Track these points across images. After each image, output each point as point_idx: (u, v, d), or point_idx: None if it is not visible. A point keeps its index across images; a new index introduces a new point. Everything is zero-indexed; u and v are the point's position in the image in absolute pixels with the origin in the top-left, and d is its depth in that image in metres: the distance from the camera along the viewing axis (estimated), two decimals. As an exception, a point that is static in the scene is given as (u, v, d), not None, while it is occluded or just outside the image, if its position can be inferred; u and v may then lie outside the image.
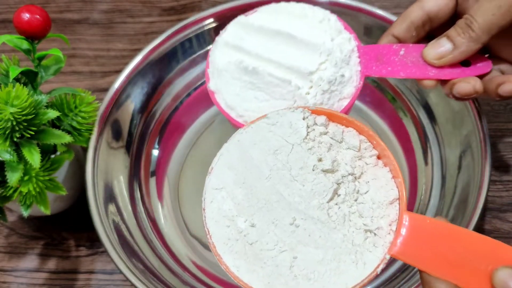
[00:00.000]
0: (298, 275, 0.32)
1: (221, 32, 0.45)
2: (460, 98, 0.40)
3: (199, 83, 0.58)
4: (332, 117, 0.37)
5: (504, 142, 0.54)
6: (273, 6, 0.44)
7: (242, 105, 0.42)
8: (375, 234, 0.32)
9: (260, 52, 0.41)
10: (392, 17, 0.52)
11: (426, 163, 0.52)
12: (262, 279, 0.32)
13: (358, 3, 0.53)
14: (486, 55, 0.42)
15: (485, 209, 0.51)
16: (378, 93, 0.56)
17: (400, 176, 0.34)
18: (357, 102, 0.57)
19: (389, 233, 0.32)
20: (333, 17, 0.43)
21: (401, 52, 0.42)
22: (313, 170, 0.34)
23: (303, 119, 0.36)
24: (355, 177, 0.34)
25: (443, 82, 0.41)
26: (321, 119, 0.36)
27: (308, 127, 0.36)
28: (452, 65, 0.41)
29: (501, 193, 0.52)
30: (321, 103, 0.40)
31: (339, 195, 0.34)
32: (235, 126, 0.42)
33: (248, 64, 0.41)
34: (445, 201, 0.48)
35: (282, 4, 0.44)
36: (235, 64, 0.42)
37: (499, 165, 0.53)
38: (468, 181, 0.46)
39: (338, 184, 0.34)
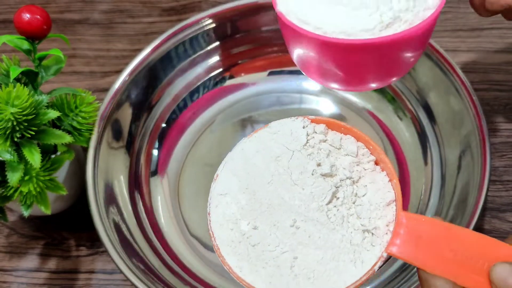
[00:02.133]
0: (299, 274, 0.33)
1: None
2: None
3: (199, 83, 0.58)
4: (331, 125, 0.38)
5: (503, 142, 0.54)
6: None
7: (319, 18, 0.38)
8: (372, 234, 0.33)
9: None
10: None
11: (426, 163, 0.52)
12: (264, 279, 0.33)
13: None
14: None
15: (484, 209, 0.51)
16: (377, 94, 0.56)
17: (396, 177, 0.35)
18: (356, 102, 0.57)
19: (386, 233, 0.33)
20: None
21: None
22: (312, 175, 0.35)
23: (303, 127, 0.37)
24: (353, 181, 0.35)
25: None
26: (320, 127, 0.37)
27: (308, 135, 0.37)
28: None
29: (501, 193, 0.52)
30: (406, 9, 0.37)
31: (337, 198, 0.35)
32: (309, 41, 0.39)
33: None
34: (444, 201, 0.48)
35: None
36: None
37: (498, 165, 0.53)
38: (467, 181, 0.46)
39: (336, 187, 0.35)
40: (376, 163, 0.37)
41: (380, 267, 0.32)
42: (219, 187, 0.37)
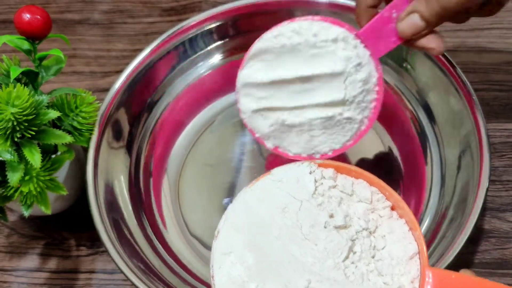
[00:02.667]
0: None
1: (240, 107, 0.46)
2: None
3: (199, 83, 0.58)
4: (340, 169, 0.35)
5: (503, 142, 0.54)
6: (269, 50, 0.43)
7: (307, 148, 0.45)
8: None
9: (291, 103, 0.43)
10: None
11: (425, 163, 0.52)
12: None
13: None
14: None
15: (484, 209, 0.51)
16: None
17: (418, 228, 0.32)
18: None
19: (413, 285, 0.31)
20: (323, 26, 0.42)
21: (394, 15, 0.41)
22: (325, 228, 0.32)
23: (310, 173, 0.35)
24: (370, 232, 0.33)
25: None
26: (329, 172, 0.35)
27: (316, 181, 0.34)
28: None
29: (501, 193, 0.52)
30: (366, 107, 0.43)
31: (354, 253, 0.32)
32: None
33: (291, 121, 0.44)
34: (444, 200, 0.48)
35: (274, 43, 0.43)
36: (278, 124, 0.44)
37: (498, 165, 0.53)
38: (467, 181, 0.46)
39: (352, 240, 0.32)
40: (392, 208, 0.34)
41: None
42: (221, 245, 0.33)
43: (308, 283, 0.31)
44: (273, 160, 0.53)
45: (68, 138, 0.44)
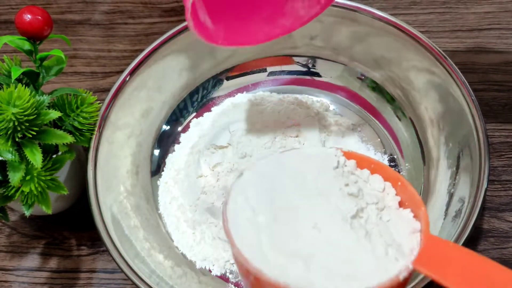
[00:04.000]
0: (316, 273, 0.32)
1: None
2: None
3: (199, 83, 0.58)
4: (362, 161, 0.39)
5: (502, 142, 0.55)
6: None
7: None
8: (397, 250, 0.33)
9: None
10: (391, 18, 0.52)
11: (424, 163, 0.52)
12: (275, 268, 0.32)
13: (356, 3, 0.53)
14: None
15: (483, 209, 0.51)
16: (376, 94, 0.57)
17: (423, 205, 0.35)
18: (356, 104, 0.57)
19: (411, 252, 0.33)
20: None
21: None
22: (339, 190, 0.36)
23: (335, 156, 0.39)
24: (378, 208, 0.36)
25: None
26: (351, 162, 0.39)
27: (338, 162, 0.38)
28: None
29: (500, 192, 0.52)
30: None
31: (362, 217, 0.35)
32: None
33: None
34: (444, 200, 0.48)
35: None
36: None
37: (497, 165, 0.53)
38: (466, 181, 0.46)
39: (362, 208, 0.35)
40: (400, 205, 0.37)
41: (405, 278, 0.31)
42: (238, 186, 0.37)
43: (315, 224, 0.34)
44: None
45: (69, 138, 0.44)
